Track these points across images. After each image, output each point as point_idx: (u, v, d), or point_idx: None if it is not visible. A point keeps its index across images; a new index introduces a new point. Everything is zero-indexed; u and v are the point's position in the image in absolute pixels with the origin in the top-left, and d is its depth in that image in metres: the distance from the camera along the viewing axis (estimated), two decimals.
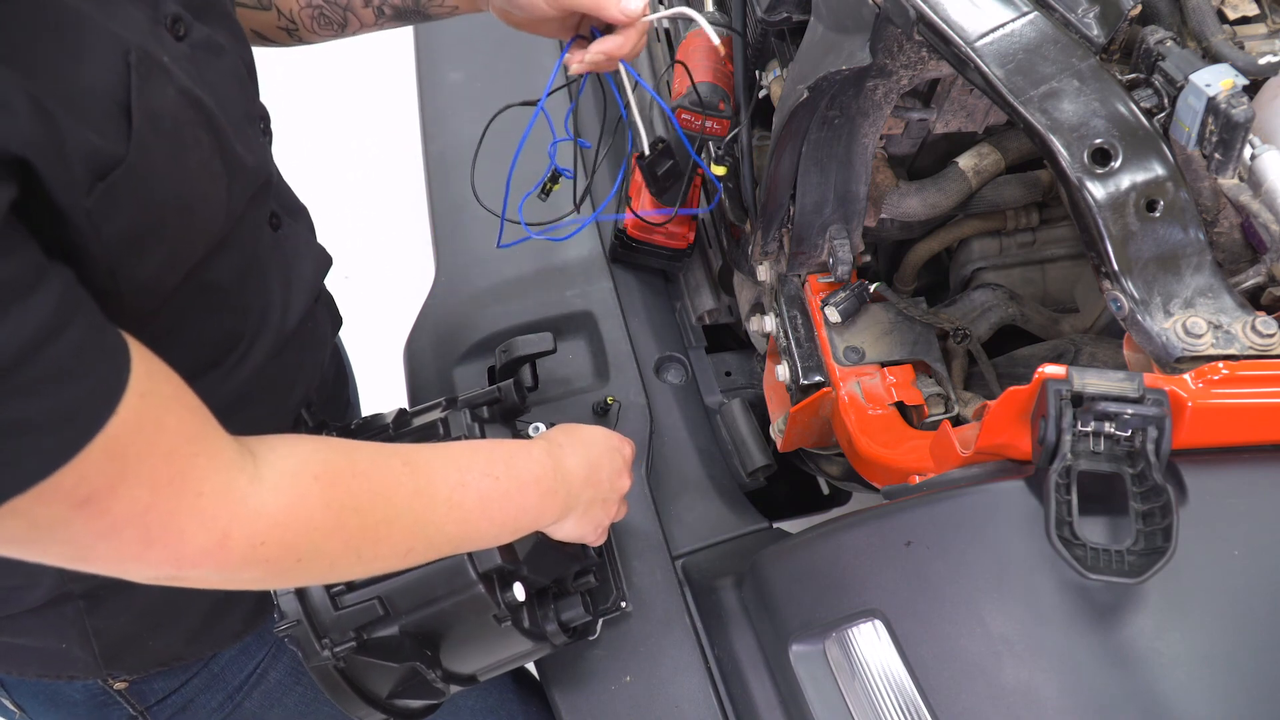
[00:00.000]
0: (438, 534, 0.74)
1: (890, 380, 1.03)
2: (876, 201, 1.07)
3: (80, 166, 0.53)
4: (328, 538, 0.66)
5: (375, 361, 1.50)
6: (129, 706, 0.89)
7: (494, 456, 0.79)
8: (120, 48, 0.56)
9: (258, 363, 0.77)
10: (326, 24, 0.92)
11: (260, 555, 0.62)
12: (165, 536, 0.57)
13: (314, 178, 1.38)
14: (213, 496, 0.59)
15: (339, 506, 0.66)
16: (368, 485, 0.68)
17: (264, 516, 0.61)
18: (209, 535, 0.59)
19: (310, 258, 0.86)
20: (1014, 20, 0.78)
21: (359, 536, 0.68)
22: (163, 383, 0.58)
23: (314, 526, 0.64)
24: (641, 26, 0.87)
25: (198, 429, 0.59)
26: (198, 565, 0.60)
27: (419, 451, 0.75)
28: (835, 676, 0.84)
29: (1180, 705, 0.66)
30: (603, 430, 0.93)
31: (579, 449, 0.88)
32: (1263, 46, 0.79)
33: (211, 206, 0.66)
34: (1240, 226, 0.79)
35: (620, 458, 0.93)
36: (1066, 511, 0.67)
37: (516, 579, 0.86)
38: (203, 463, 0.58)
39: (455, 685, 0.88)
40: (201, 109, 0.63)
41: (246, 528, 0.60)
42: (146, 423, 0.55)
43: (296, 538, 0.64)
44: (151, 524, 0.56)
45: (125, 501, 0.55)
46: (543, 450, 0.84)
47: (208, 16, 0.70)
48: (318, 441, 0.69)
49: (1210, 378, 0.69)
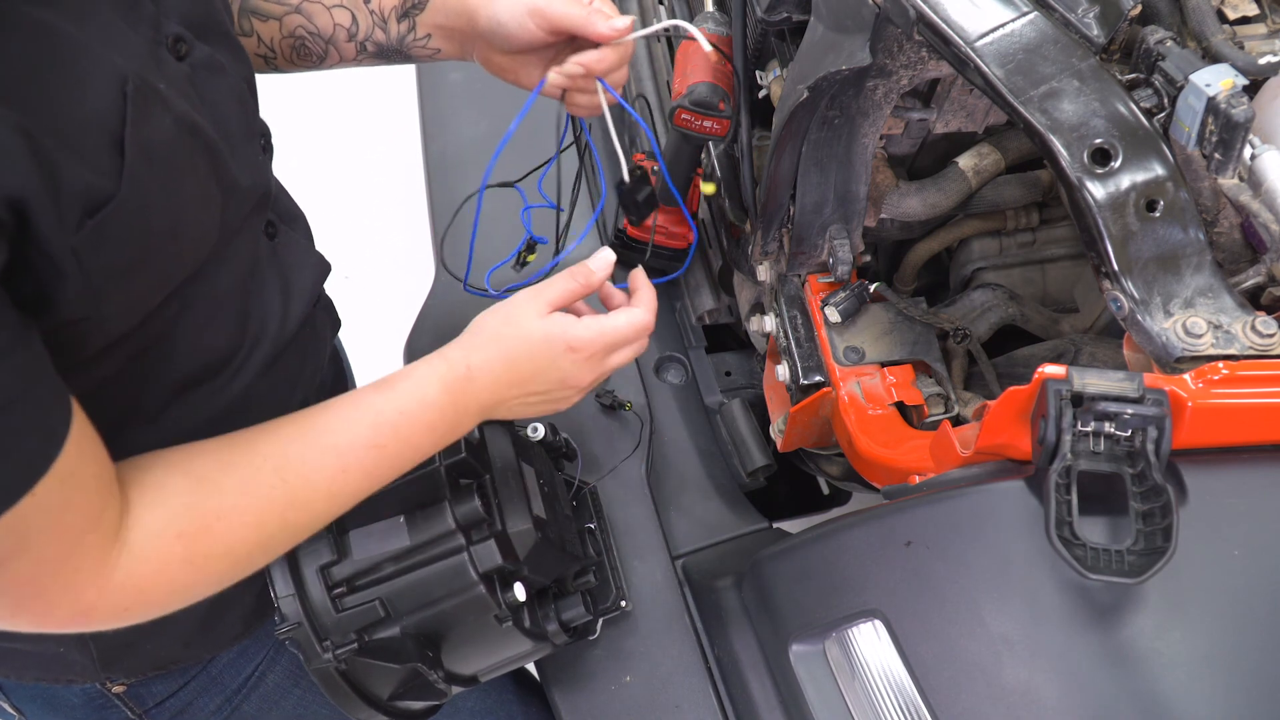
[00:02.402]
0: (317, 524, 0.72)
1: (890, 380, 1.03)
2: (876, 201, 1.07)
3: (72, 205, 0.53)
4: (194, 587, 0.66)
5: (375, 362, 1.50)
6: (127, 710, 0.89)
7: (380, 423, 0.72)
8: (117, 77, 0.56)
9: (256, 370, 0.77)
10: (305, 55, 0.91)
11: (124, 618, 0.63)
12: (34, 606, 0.59)
13: (315, 177, 1.38)
14: (87, 573, 0.59)
15: (205, 558, 0.65)
16: (237, 524, 0.66)
17: (127, 587, 0.61)
18: (75, 607, 0.60)
19: (308, 265, 0.86)
20: (1014, 20, 0.78)
21: (230, 573, 0.68)
22: (87, 461, 0.59)
23: (178, 585, 0.65)
24: (625, 46, 0.86)
25: (97, 506, 0.60)
26: (60, 629, 0.61)
27: (294, 446, 0.70)
28: (835, 676, 0.84)
29: (1180, 705, 0.66)
30: (542, 336, 0.77)
31: (495, 371, 0.77)
32: (1263, 46, 0.79)
33: (203, 230, 0.66)
34: (1240, 226, 0.79)
35: (571, 361, 0.78)
36: (1066, 511, 0.67)
37: (517, 579, 0.86)
38: (90, 541, 0.59)
39: (457, 686, 0.88)
40: (199, 135, 0.63)
41: (110, 599, 0.61)
42: (56, 503, 0.56)
43: (160, 599, 0.64)
44: (26, 594, 0.58)
45: (10, 573, 0.56)
46: (439, 389, 0.75)
47: (209, 35, 0.69)
48: (185, 479, 0.66)
49: (1210, 378, 0.69)
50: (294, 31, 0.89)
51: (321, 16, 0.89)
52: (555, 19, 0.83)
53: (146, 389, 0.71)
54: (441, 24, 0.90)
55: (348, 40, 0.91)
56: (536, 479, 0.94)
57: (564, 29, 0.84)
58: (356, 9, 0.90)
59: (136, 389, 0.70)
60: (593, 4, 0.85)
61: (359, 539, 0.82)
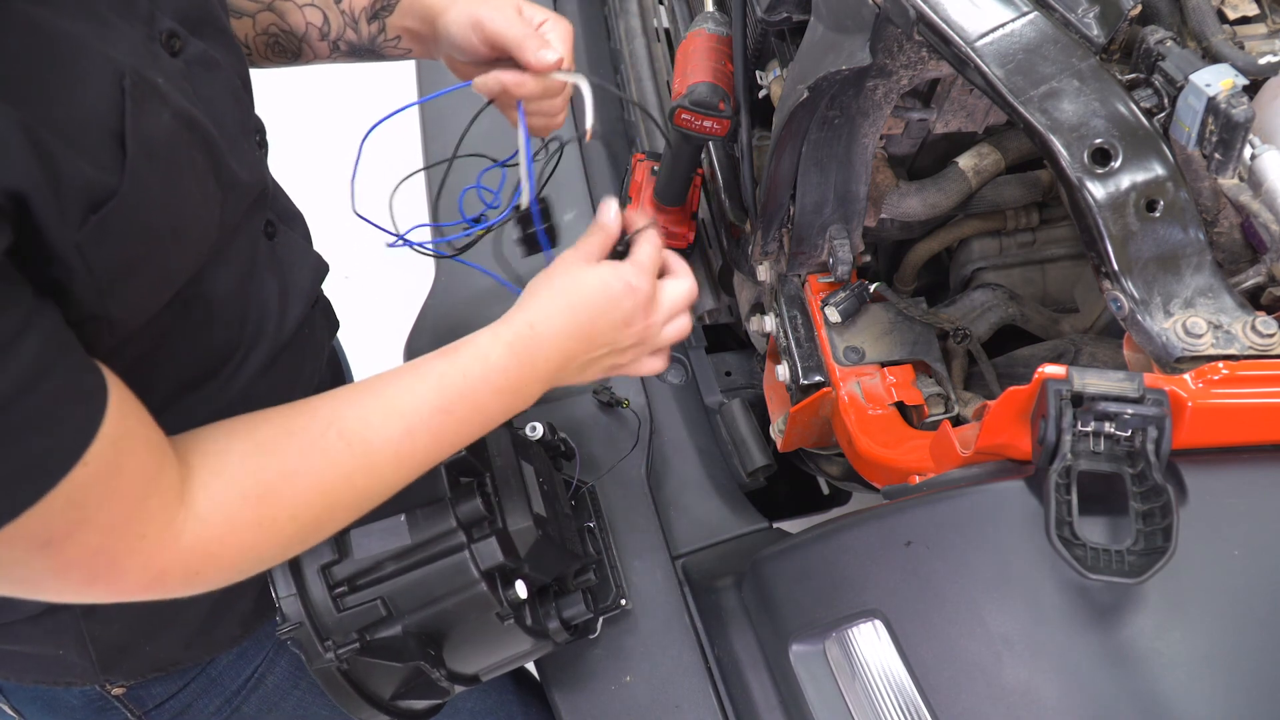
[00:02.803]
0: (387, 489, 0.72)
1: (890, 380, 1.03)
2: (876, 201, 1.07)
3: (75, 201, 0.53)
4: (263, 551, 0.66)
5: (375, 362, 1.50)
6: (127, 711, 0.89)
7: (445, 386, 0.72)
8: (114, 72, 0.56)
9: (254, 371, 0.77)
10: (280, 52, 0.90)
11: (196, 582, 0.63)
12: (108, 575, 0.59)
13: (315, 177, 1.38)
14: (154, 538, 0.59)
15: (271, 521, 0.65)
16: (302, 487, 0.66)
17: (197, 550, 0.62)
18: (147, 573, 0.60)
19: (307, 266, 0.86)
20: (1014, 20, 0.78)
21: (298, 537, 0.68)
22: (133, 423, 0.59)
23: (247, 547, 0.65)
24: (552, 82, 0.83)
25: (153, 468, 0.60)
26: (136, 595, 0.61)
27: (357, 410, 0.69)
28: (835, 676, 0.84)
29: (1180, 705, 0.66)
30: (598, 280, 0.78)
31: (558, 324, 0.77)
32: (1263, 46, 0.79)
33: (204, 226, 0.66)
34: (1240, 226, 0.79)
35: (632, 302, 0.79)
36: (1066, 511, 0.67)
37: (518, 577, 0.86)
38: (152, 504, 0.59)
39: (459, 685, 0.89)
40: (197, 129, 0.63)
41: (181, 563, 0.61)
42: (110, 468, 0.56)
43: (232, 561, 0.64)
44: (98, 564, 0.58)
45: (78, 544, 0.56)
46: (504, 352, 0.75)
47: (203, 31, 0.69)
48: (247, 443, 0.66)
49: (1210, 378, 0.69)
50: (267, 29, 0.89)
51: (293, 15, 0.89)
52: (492, 34, 0.82)
53: (145, 390, 0.70)
54: (409, 27, 0.90)
55: (320, 39, 0.91)
56: (536, 477, 0.94)
57: (499, 46, 0.82)
58: (328, 9, 0.90)
59: (136, 391, 0.70)
60: (539, 29, 0.83)
61: (360, 538, 0.82)
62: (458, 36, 0.84)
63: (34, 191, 0.50)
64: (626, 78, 1.51)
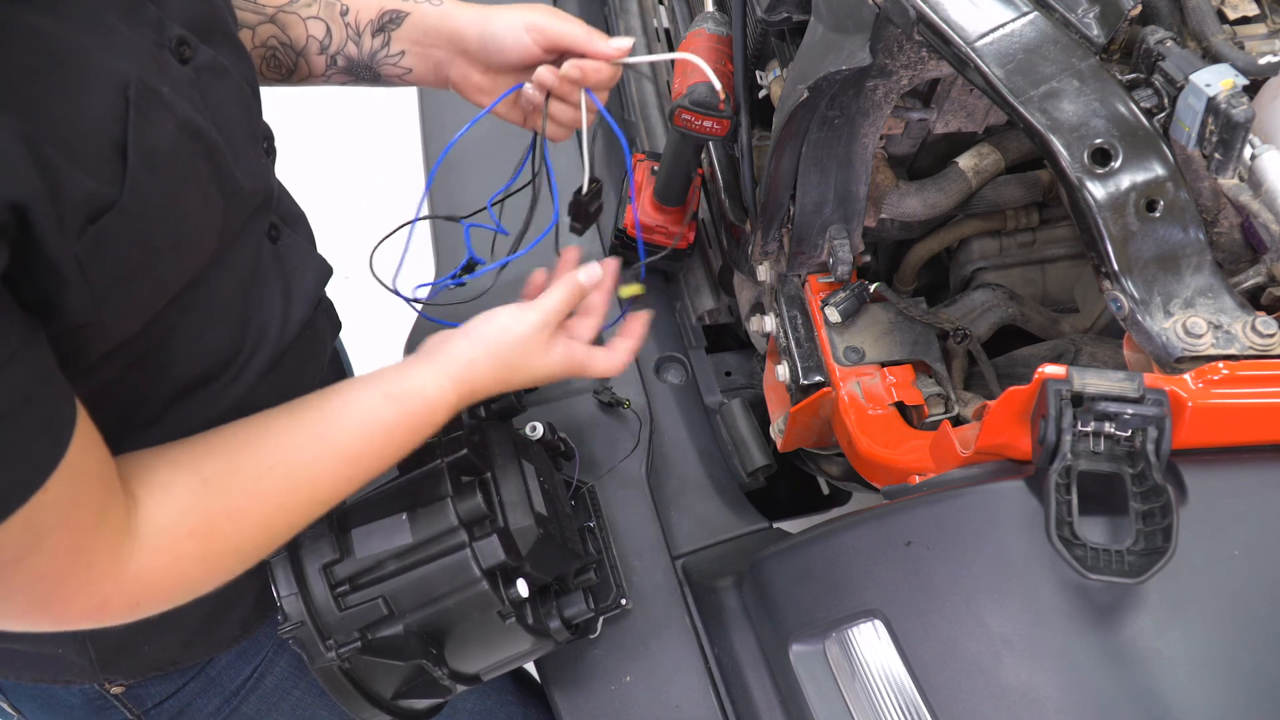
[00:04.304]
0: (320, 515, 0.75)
1: (890, 380, 1.03)
2: (876, 201, 1.07)
3: (75, 211, 0.53)
4: (204, 582, 0.68)
5: (375, 362, 1.50)
6: (126, 710, 0.89)
7: (393, 433, 0.76)
8: (119, 83, 0.56)
9: (256, 374, 0.78)
10: (276, 67, 0.90)
11: (136, 611, 0.64)
12: (51, 602, 0.59)
13: (315, 177, 1.38)
14: (100, 568, 0.60)
15: (215, 555, 0.67)
16: (245, 525, 0.68)
17: (140, 580, 0.62)
18: (91, 601, 0.61)
19: (310, 268, 0.86)
20: (1014, 20, 0.78)
21: (239, 567, 0.70)
22: (91, 458, 0.59)
23: (189, 579, 0.66)
24: (616, 69, 0.88)
25: (105, 500, 0.60)
26: (76, 624, 0.62)
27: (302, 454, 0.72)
28: (835, 676, 0.84)
29: (1180, 705, 0.66)
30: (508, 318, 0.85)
31: (489, 365, 0.83)
32: (1263, 46, 0.79)
33: (205, 234, 0.66)
34: (1240, 226, 0.79)
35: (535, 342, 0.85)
36: (1066, 511, 0.67)
37: (519, 575, 0.86)
38: (102, 535, 0.60)
39: (460, 685, 0.89)
40: (201, 138, 0.63)
41: (124, 593, 0.62)
42: (66, 499, 0.56)
43: (172, 592, 0.66)
44: (41, 590, 0.58)
45: (27, 570, 0.57)
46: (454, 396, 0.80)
47: (212, 38, 0.69)
48: (192, 478, 0.67)
49: (1210, 378, 0.69)
50: (266, 42, 0.89)
51: (296, 28, 0.89)
52: (555, 36, 0.85)
53: (146, 393, 0.71)
54: (418, 40, 0.90)
55: (319, 53, 0.91)
56: (537, 477, 0.94)
57: (563, 46, 0.86)
58: (332, 21, 0.90)
59: (136, 393, 0.70)
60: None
61: (361, 537, 0.82)
62: (506, 40, 0.86)
63: (35, 203, 0.51)
64: (626, 77, 1.51)
